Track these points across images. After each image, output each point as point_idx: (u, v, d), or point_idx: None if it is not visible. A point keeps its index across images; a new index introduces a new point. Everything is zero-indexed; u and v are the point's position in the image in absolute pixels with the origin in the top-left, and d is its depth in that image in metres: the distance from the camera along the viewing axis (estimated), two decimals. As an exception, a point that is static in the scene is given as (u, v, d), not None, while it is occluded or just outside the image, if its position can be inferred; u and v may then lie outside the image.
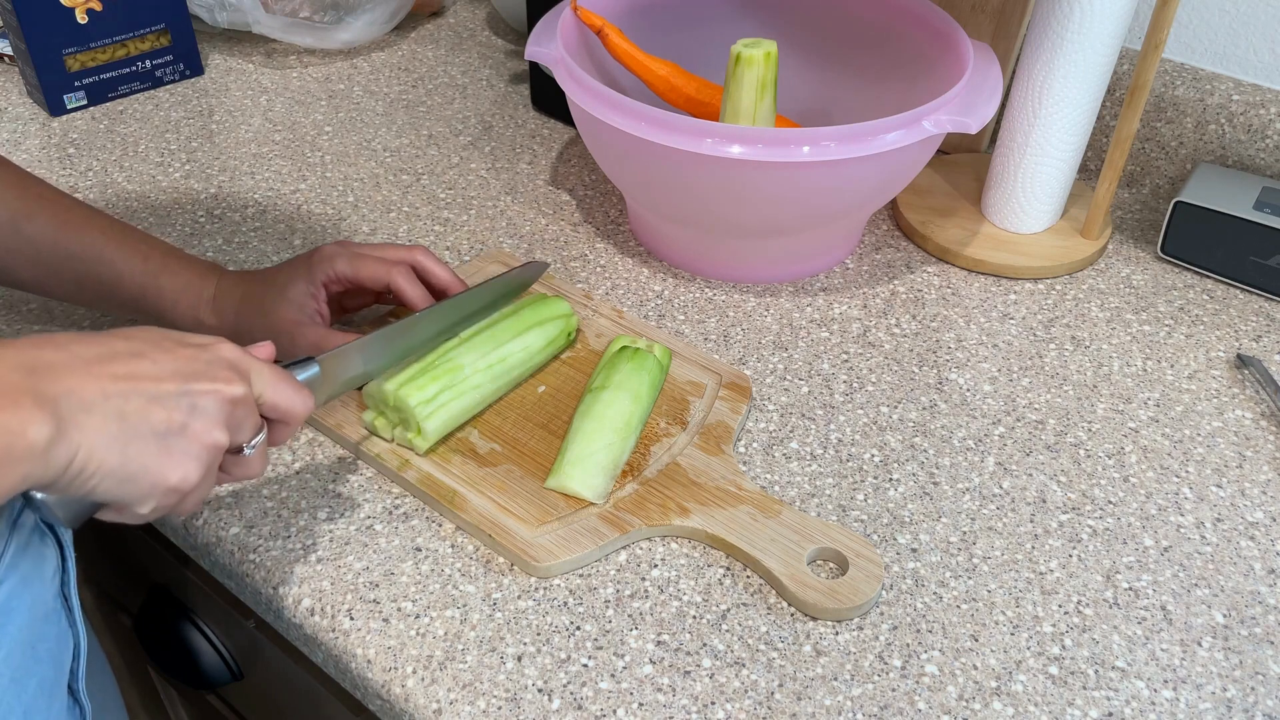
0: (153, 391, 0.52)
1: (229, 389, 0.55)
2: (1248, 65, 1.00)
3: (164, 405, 0.52)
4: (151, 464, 0.51)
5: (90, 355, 0.51)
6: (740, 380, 0.81)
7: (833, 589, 0.66)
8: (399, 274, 0.78)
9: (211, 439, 0.54)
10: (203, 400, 0.54)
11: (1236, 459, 0.78)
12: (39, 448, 0.46)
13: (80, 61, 1.13)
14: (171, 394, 0.52)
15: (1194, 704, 0.62)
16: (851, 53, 1.03)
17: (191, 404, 0.53)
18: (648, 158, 0.84)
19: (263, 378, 0.58)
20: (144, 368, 0.52)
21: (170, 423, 0.52)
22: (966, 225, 0.99)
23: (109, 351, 0.52)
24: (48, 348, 0.50)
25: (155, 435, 0.51)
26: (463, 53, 1.30)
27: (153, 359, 0.53)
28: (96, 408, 0.49)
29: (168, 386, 0.52)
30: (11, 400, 0.46)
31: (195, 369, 0.54)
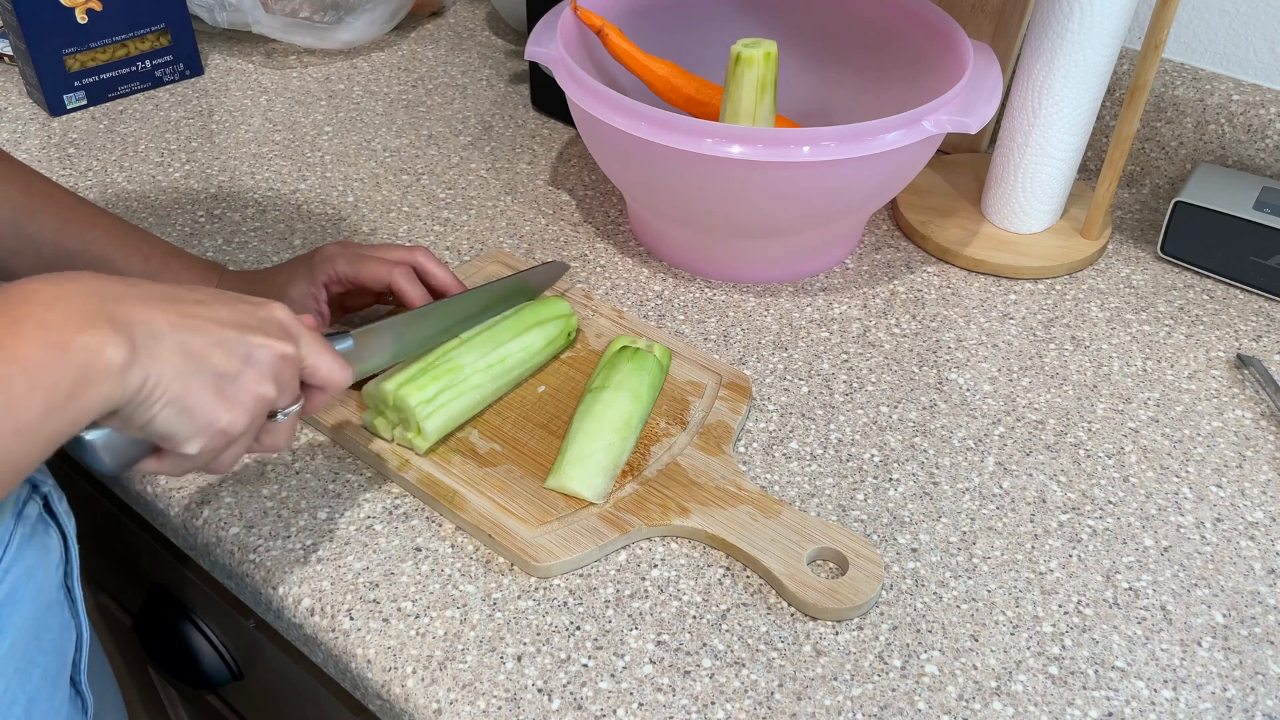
0: (215, 334, 0.53)
1: (281, 345, 0.56)
2: (1248, 65, 1.00)
3: (223, 348, 0.54)
4: (208, 401, 0.53)
5: (159, 293, 0.52)
6: (740, 380, 0.81)
7: (833, 589, 0.66)
8: (400, 274, 0.79)
9: (261, 389, 0.55)
10: (258, 352, 0.55)
11: (1236, 459, 0.78)
12: (116, 368, 0.48)
13: (80, 61, 1.13)
14: (231, 340, 0.54)
15: (1194, 704, 0.62)
16: (851, 53, 1.03)
17: (247, 353, 0.55)
18: (648, 158, 0.84)
19: (309, 344, 0.59)
20: (207, 311, 0.54)
21: (228, 366, 0.54)
22: (966, 225, 0.99)
23: (175, 294, 0.53)
24: (120, 282, 0.51)
25: (214, 375, 0.53)
26: (463, 53, 1.30)
27: (214, 307, 0.55)
28: (165, 338, 0.51)
29: (228, 333, 0.54)
30: (89, 322, 0.48)
31: (252, 322, 0.56)
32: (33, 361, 0.46)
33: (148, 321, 0.51)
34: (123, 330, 0.49)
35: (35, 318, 0.47)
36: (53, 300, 0.48)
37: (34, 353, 0.46)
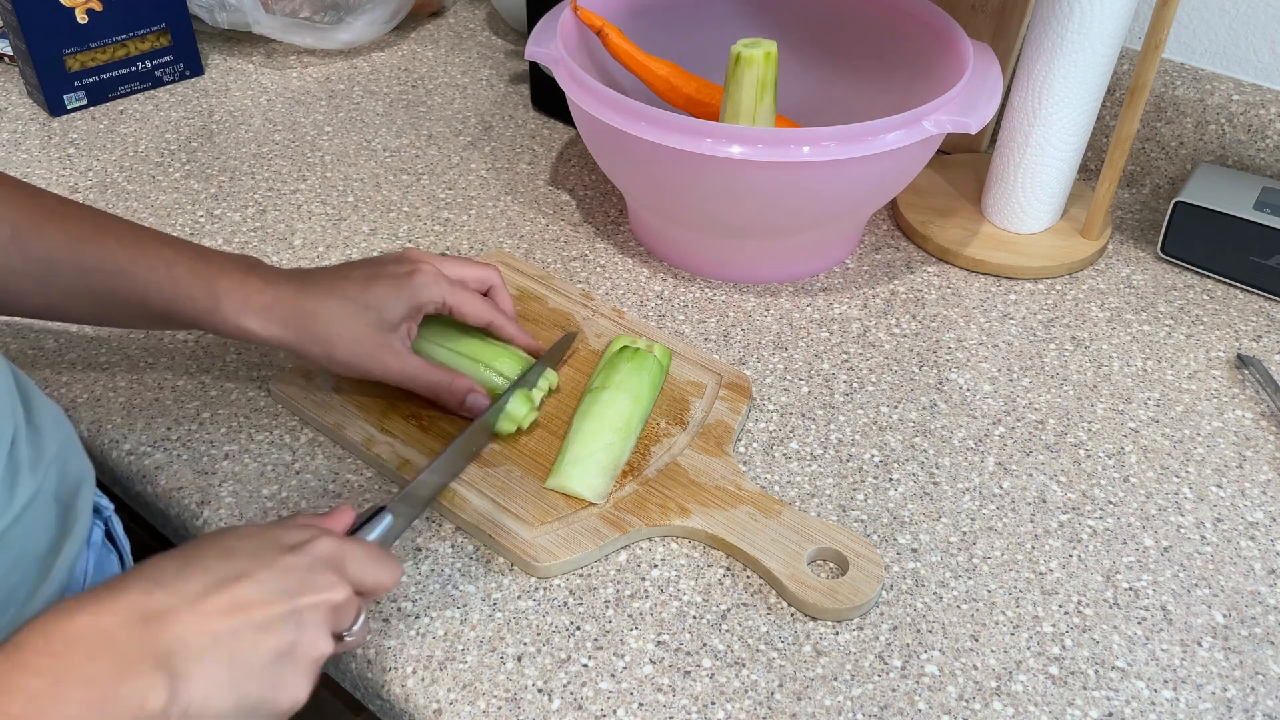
0: (261, 620, 0.50)
1: (333, 596, 0.53)
2: (1248, 65, 1.00)
3: (272, 632, 0.50)
4: (265, 695, 0.50)
5: (197, 590, 0.49)
6: (740, 380, 0.81)
7: (833, 589, 0.66)
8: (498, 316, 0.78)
9: (319, 652, 0.52)
10: (308, 615, 0.52)
11: (1236, 459, 0.78)
12: (156, 712, 0.46)
13: (80, 61, 1.13)
14: (278, 617, 0.51)
15: (1194, 704, 0.62)
16: (851, 53, 1.03)
17: (298, 621, 0.51)
18: (648, 158, 0.84)
19: (358, 563, 0.56)
20: (250, 593, 0.51)
21: (279, 646, 0.51)
22: (966, 225, 0.99)
23: (215, 581, 0.50)
24: (158, 591, 0.49)
25: (265, 665, 0.50)
26: (463, 53, 1.30)
27: (257, 578, 0.51)
28: (207, 654, 0.48)
29: (275, 610, 0.51)
30: (130, 666, 0.46)
31: (299, 581, 0.52)
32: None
33: (188, 640, 0.48)
34: (162, 665, 0.47)
35: (77, 674, 0.45)
36: (93, 648, 0.46)
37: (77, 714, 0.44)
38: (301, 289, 0.71)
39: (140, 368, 0.83)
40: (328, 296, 0.71)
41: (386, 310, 0.72)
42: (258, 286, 0.70)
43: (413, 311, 0.74)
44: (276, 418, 0.79)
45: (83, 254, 0.69)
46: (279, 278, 0.72)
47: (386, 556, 0.58)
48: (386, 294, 0.72)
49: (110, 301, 0.70)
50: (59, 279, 0.69)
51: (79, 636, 0.46)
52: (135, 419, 0.78)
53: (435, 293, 0.74)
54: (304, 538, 0.54)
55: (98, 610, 0.47)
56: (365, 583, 0.56)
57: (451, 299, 0.75)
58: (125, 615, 0.47)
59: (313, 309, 0.71)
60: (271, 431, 0.78)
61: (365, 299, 0.72)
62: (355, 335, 0.71)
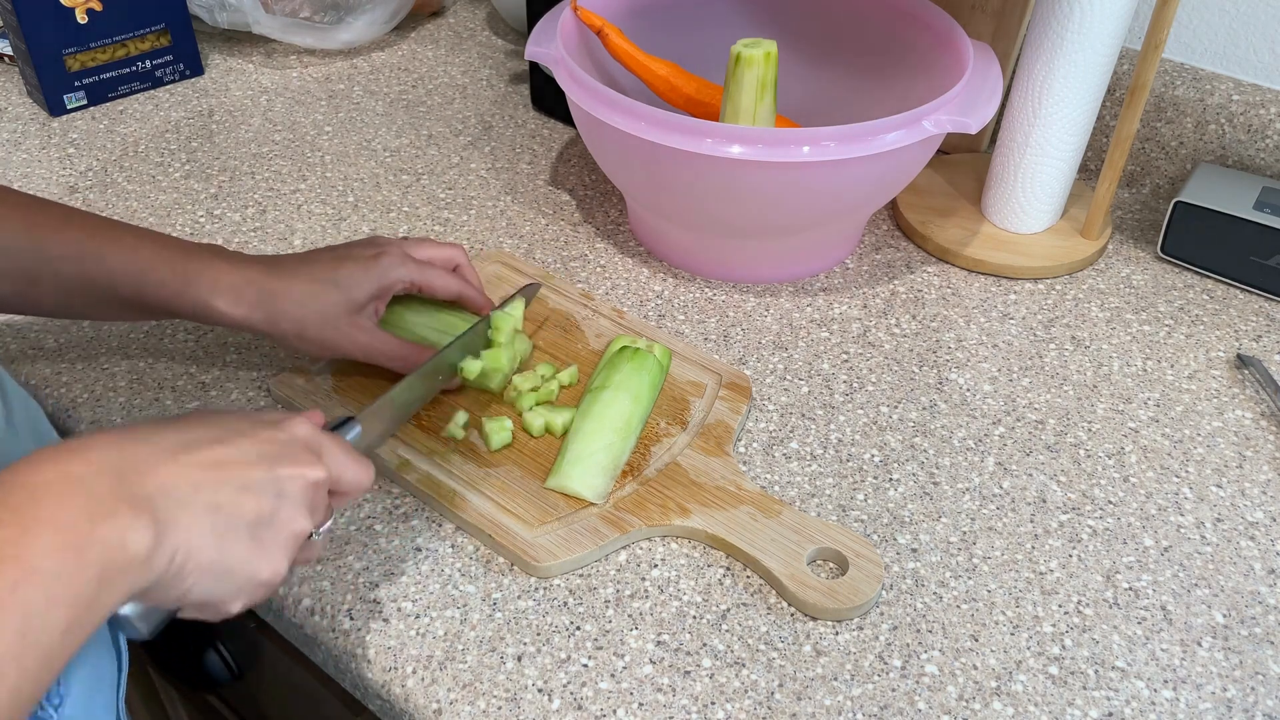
0: (242, 479, 0.50)
1: (311, 472, 0.53)
2: (1248, 65, 1.00)
3: (253, 493, 0.50)
4: (246, 557, 0.49)
5: (175, 443, 0.48)
6: (740, 380, 0.81)
7: (833, 589, 0.66)
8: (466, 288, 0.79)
9: (298, 526, 0.52)
10: (288, 485, 0.52)
11: (1236, 459, 0.78)
12: (141, 556, 0.44)
13: (80, 61, 1.13)
14: (259, 480, 0.50)
15: (1194, 704, 0.62)
16: (851, 53, 1.03)
17: (278, 490, 0.51)
18: (648, 158, 0.84)
19: (334, 454, 0.55)
20: (230, 453, 0.50)
21: (260, 511, 0.50)
22: (966, 225, 0.99)
23: (192, 439, 0.49)
24: (131, 442, 0.47)
25: (247, 526, 0.49)
26: (463, 53, 1.30)
27: (235, 444, 0.51)
28: (190, 501, 0.47)
29: (255, 473, 0.50)
30: (107, 509, 0.44)
31: (277, 452, 0.52)
32: (50, 574, 0.41)
33: (169, 486, 0.47)
34: (143, 508, 0.45)
35: (47, 518, 0.42)
36: (64, 492, 0.43)
37: (50, 564, 0.41)
38: (270, 271, 0.73)
39: (140, 368, 0.83)
40: (295, 278, 0.73)
41: (354, 290, 0.74)
42: (226, 268, 0.72)
43: (380, 291, 0.76)
44: (276, 418, 0.79)
45: (46, 242, 0.70)
46: (247, 261, 0.73)
47: (361, 456, 0.58)
48: (354, 274, 0.74)
49: (78, 289, 0.71)
50: (23, 267, 0.69)
51: (46, 484, 0.43)
52: (134, 419, 0.78)
53: (402, 273, 0.76)
54: (281, 418, 0.55)
55: (66, 459, 0.45)
56: (341, 477, 0.56)
57: (419, 277, 0.77)
58: (97, 464, 0.45)
59: (282, 289, 0.72)
60: (271, 431, 0.78)
61: (334, 279, 0.74)
62: (324, 314, 0.73)
